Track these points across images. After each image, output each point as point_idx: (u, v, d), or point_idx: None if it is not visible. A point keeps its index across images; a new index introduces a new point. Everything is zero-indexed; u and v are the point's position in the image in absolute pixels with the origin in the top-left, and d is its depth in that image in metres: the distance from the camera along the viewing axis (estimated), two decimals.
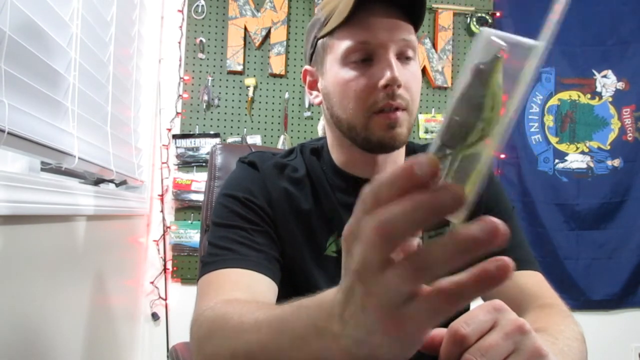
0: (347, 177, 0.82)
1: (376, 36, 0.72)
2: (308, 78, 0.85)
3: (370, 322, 0.29)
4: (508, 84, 0.28)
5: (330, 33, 0.76)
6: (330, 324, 0.32)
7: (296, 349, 0.37)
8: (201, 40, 2.06)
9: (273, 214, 0.78)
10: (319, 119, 2.10)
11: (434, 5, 2.22)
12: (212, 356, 0.52)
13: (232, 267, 0.69)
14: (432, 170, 0.26)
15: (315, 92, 0.84)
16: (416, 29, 0.77)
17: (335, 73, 0.76)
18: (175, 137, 2.02)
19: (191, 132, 2.04)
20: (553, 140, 2.32)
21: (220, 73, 2.08)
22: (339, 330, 0.31)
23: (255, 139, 2.07)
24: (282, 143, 2.07)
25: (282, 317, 0.41)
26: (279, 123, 2.10)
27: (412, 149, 0.88)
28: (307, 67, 0.85)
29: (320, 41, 0.79)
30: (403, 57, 0.75)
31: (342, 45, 0.74)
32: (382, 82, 0.71)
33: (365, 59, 0.74)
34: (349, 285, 0.30)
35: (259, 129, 2.09)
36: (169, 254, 1.99)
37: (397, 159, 0.82)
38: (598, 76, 2.35)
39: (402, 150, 0.83)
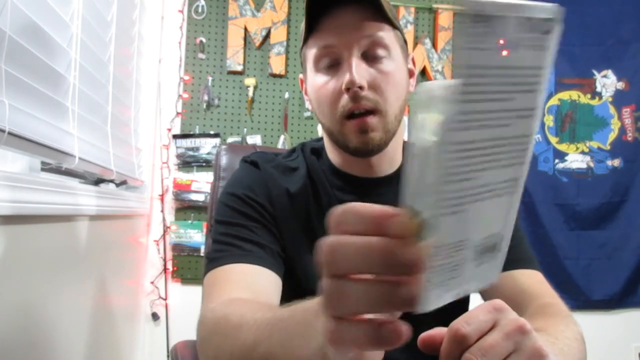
0: (345, 177, 0.83)
1: (339, 38, 0.73)
2: (304, 85, 0.87)
3: (325, 330, 0.30)
4: None
5: (305, 43, 0.78)
6: (315, 325, 0.34)
7: (281, 347, 0.39)
8: (201, 40, 2.06)
9: (274, 211, 0.79)
10: None
11: (434, 5, 2.22)
12: (213, 357, 0.53)
13: (235, 263, 0.70)
14: (402, 234, 0.27)
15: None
16: (393, 25, 0.75)
17: (312, 80, 0.78)
18: (175, 137, 2.02)
19: (191, 132, 2.04)
20: (553, 140, 2.32)
21: (220, 73, 2.08)
22: (317, 333, 0.33)
23: (255, 139, 2.07)
24: (282, 143, 2.07)
25: (280, 317, 0.42)
26: (279, 123, 2.10)
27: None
28: (301, 75, 0.88)
29: (302, 51, 0.82)
30: (371, 57, 0.74)
31: (312, 52, 0.77)
32: (343, 85, 0.72)
33: (333, 64, 0.74)
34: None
35: (259, 129, 2.09)
36: (169, 254, 1.99)
37: (393, 157, 0.82)
38: (598, 76, 2.35)
39: (399, 147, 0.84)
